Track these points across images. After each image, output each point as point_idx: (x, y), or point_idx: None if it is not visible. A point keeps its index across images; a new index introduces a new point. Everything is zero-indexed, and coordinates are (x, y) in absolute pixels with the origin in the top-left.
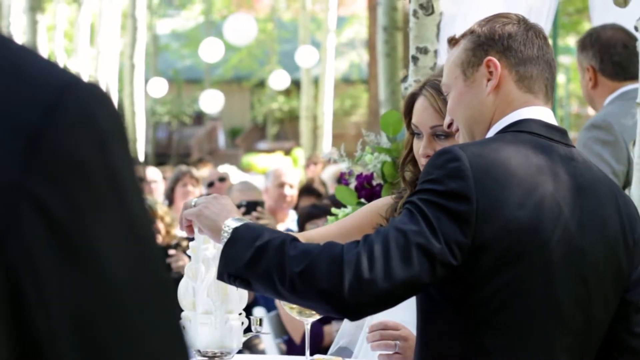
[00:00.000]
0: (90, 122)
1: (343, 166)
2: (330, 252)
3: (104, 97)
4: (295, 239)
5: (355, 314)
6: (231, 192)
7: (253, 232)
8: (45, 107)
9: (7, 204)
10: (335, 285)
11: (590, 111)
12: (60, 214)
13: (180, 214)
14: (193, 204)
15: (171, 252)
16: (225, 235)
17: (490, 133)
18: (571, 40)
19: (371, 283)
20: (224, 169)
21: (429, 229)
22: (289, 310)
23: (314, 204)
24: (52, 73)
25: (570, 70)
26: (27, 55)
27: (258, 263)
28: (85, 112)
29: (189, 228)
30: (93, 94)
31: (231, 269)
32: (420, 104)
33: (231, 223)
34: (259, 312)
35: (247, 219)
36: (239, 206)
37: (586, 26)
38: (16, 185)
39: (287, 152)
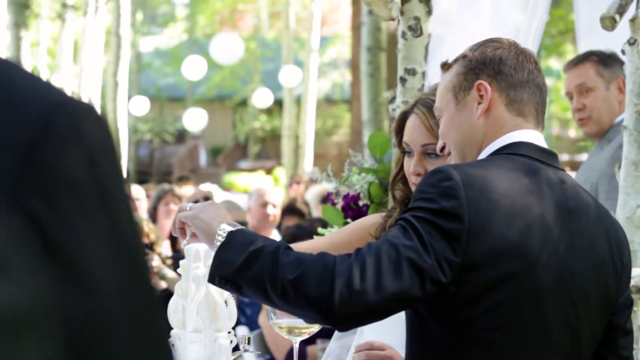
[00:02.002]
0: (81, 138)
1: (327, 186)
2: (323, 262)
3: (94, 114)
4: (288, 247)
5: (344, 324)
6: None
7: (248, 238)
8: (38, 124)
9: (2, 217)
10: (326, 295)
11: (571, 133)
12: (51, 227)
13: (175, 217)
14: (188, 207)
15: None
16: (220, 239)
17: (482, 156)
18: (554, 62)
19: (361, 294)
20: (206, 187)
21: (420, 245)
22: (277, 329)
23: (299, 224)
24: (42, 90)
25: (552, 92)
26: (16, 72)
27: (250, 268)
28: (76, 129)
29: (182, 230)
30: (83, 111)
31: (223, 273)
32: (411, 122)
33: (226, 227)
34: (241, 331)
35: (242, 226)
36: None
37: (569, 48)
38: (9, 200)
39: (269, 171)
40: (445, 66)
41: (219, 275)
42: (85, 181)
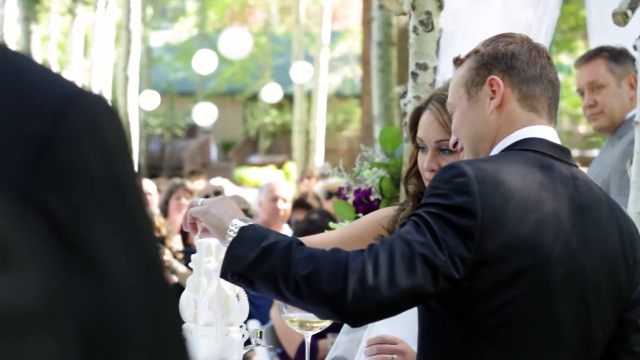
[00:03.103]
0: (95, 131)
1: (332, 181)
2: (336, 258)
3: (108, 106)
4: (301, 243)
5: (357, 320)
6: None
7: (259, 233)
8: (52, 116)
9: (15, 211)
10: (339, 291)
11: (582, 129)
12: (66, 220)
13: (186, 212)
14: (200, 203)
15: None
16: (232, 234)
17: (494, 151)
18: (564, 58)
19: (375, 290)
20: (217, 182)
21: (434, 241)
22: (289, 323)
23: (310, 219)
24: (54, 82)
25: (562, 88)
26: (27, 64)
27: (263, 264)
28: (91, 121)
29: (193, 226)
30: (97, 103)
31: (235, 268)
32: (425, 118)
33: (238, 222)
34: (253, 325)
35: (254, 221)
36: None
37: (580, 44)
38: (23, 192)
39: (279, 165)
40: (458, 61)
41: (231, 270)
42: (100, 174)
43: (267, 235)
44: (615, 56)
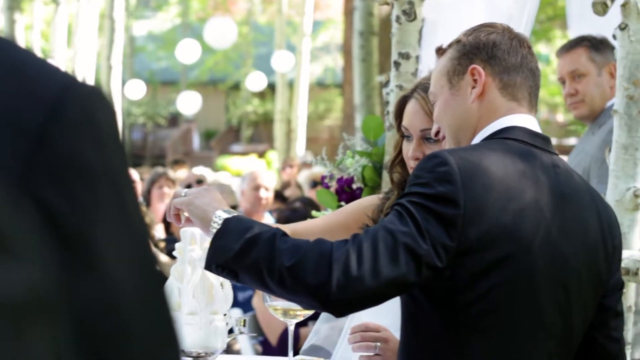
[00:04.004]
0: (91, 123)
1: (316, 171)
2: (320, 249)
3: (103, 98)
4: (285, 234)
5: (341, 310)
6: None
7: (243, 225)
8: (47, 108)
9: (11, 202)
10: (324, 281)
11: (559, 117)
12: (62, 212)
13: (169, 203)
14: (183, 193)
15: None
16: (215, 226)
17: (476, 140)
18: (542, 48)
19: (358, 280)
20: (199, 170)
21: (416, 231)
22: (273, 311)
23: (293, 207)
24: (50, 74)
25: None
26: (25, 55)
27: (247, 255)
28: (86, 113)
29: (177, 217)
30: (93, 94)
31: (219, 260)
32: (411, 107)
33: (222, 214)
34: (235, 313)
35: (237, 212)
36: None
37: (558, 34)
38: (19, 185)
39: (261, 154)
40: (440, 51)
41: (215, 262)
42: (96, 165)
43: (251, 227)
44: (596, 45)
